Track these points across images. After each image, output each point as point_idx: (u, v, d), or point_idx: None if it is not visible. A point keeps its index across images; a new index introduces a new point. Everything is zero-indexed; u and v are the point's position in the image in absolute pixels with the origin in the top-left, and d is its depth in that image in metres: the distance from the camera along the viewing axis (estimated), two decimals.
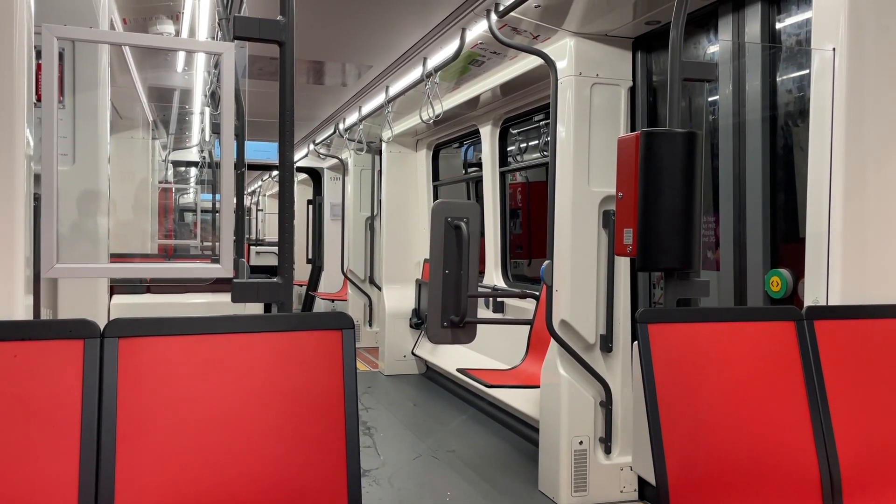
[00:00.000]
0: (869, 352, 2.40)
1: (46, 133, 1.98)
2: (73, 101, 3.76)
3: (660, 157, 2.37)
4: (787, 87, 3.19)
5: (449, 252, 4.19)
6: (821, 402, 2.28)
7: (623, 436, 3.97)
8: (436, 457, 4.79)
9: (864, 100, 2.52)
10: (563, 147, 3.94)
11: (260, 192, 17.58)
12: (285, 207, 2.31)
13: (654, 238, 2.39)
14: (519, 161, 6.24)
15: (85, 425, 1.77)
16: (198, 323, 1.95)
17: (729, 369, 2.26)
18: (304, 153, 10.11)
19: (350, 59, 5.63)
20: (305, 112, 7.67)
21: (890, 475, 2.31)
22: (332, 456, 1.94)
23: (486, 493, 4.13)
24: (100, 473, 1.76)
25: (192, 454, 1.84)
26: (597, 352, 4.00)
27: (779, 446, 2.23)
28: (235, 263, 2.91)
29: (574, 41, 3.92)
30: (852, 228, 2.51)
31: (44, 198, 1.96)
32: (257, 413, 1.92)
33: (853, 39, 2.51)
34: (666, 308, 2.47)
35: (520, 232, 6.73)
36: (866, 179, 2.54)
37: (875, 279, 2.55)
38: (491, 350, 5.96)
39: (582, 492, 3.92)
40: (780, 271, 3.09)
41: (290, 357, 1.99)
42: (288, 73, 2.22)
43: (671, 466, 2.08)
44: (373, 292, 8.92)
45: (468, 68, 5.03)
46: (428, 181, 7.69)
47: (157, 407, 1.85)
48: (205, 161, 9.58)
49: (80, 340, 1.82)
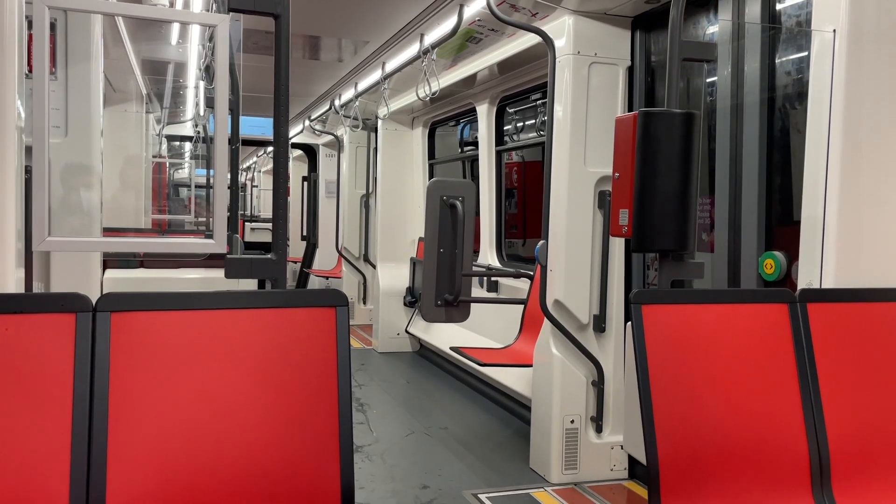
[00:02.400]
0: (861, 335, 2.41)
1: (38, 104, 1.95)
2: (65, 72, 3.72)
3: (657, 137, 2.36)
4: (785, 69, 3.17)
5: (444, 231, 4.18)
6: (812, 384, 2.30)
7: (614, 415, 4.00)
8: (428, 434, 4.82)
9: (862, 83, 2.51)
10: (560, 126, 3.92)
11: (255, 169, 17.51)
12: (280, 183, 2.29)
13: (649, 219, 2.39)
14: (515, 140, 6.21)
15: (77, 399, 1.77)
16: (191, 298, 1.94)
17: (721, 350, 2.26)
18: (300, 129, 10.04)
19: (346, 34, 5.57)
20: (301, 87, 7.61)
21: (879, 459, 2.33)
22: (324, 431, 1.95)
23: (478, 470, 4.16)
24: (91, 447, 1.76)
25: (184, 428, 1.84)
26: (590, 332, 4.02)
27: (769, 428, 2.25)
28: (229, 239, 2.90)
29: (573, 19, 3.88)
30: (847, 212, 2.51)
31: (35, 170, 1.95)
32: (250, 388, 1.92)
33: (854, 21, 2.49)
34: (660, 289, 2.47)
35: (515, 212, 6.72)
36: (862, 163, 2.53)
37: (869, 263, 2.56)
38: (484, 329, 5.98)
39: (572, 470, 3.96)
40: (775, 254, 3.10)
41: (284, 333, 1.98)
42: (283, 47, 2.20)
43: (661, 446, 2.09)
44: (367, 270, 8.92)
45: (465, 45, 4.99)
46: (424, 159, 7.66)
47: (149, 382, 1.84)
48: (199, 136, 9.52)
49: (72, 314, 1.81)
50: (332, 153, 10.13)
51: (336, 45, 6.00)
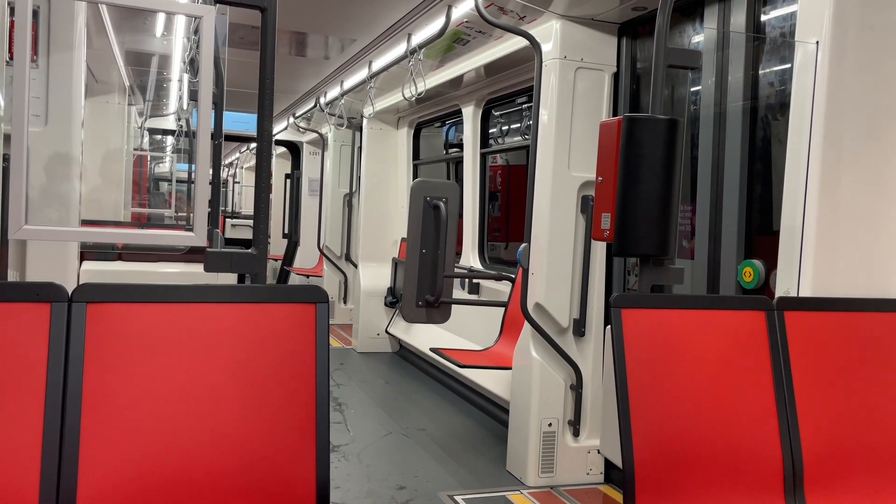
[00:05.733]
0: (837, 344, 2.44)
1: (17, 92, 1.93)
2: (47, 61, 3.67)
3: (641, 142, 2.38)
4: (769, 79, 3.21)
5: (427, 231, 4.18)
6: (787, 392, 2.32)
7: (592, 419, 4.01)
8: (406, 434, 4.81)
9: (844, 95, 2.54)
10: (545, 130, 3.93)
11: (237, 165, 17.39)
12: (262, 178, 2.28)
13: (631, 224, 2.40)
14: (500, 143, 6.22)
15: (50, 390, 1.74)
16: (169, 291, 1.92)
17: (699, 356, 2.28)
18: (284, 126, 9.99)
19: (334, 31, 5.56)
20: (286, 84, 7.58)
21: (851, 466, 2.36)
22: (300, 429, 1.94)
23: (455, 471, 4.16)
24: (63, 439, 1.73)
25: (158, 422, 1.82)
26: (569, 336, 4.03)
27: (744, 434, 2.27)
28: (209, 233, 2.88)
29: (560, 24, 3.90)
30: (826, 222, 2.54)
31: (13, 157, 1.92)
32: (226, 383, 1.90)
33: (837, 34, 2.52)
34: (640, 294, 2.48)
35: (498, 215, 6.74)
36: (842, 174, 2.57)
37: (846, 273, 2.59)
38: (465, 331, 5.98)
39: (549, 473, 3.96)
40: (753, 262, 3.13)
41: (262, 329, 1.97)
42: (269, 41, 2.19)
43: (638, 450, 2.10)
44: (349, 269, 8.89)
45: (453, 47, 4.99)
46: (408, 160, 7.65)
47: (124, 374, 1.82)
48: (182, 130, 9.44)
49: (47, 304, 1.78)
50: (316, 151, 10.09)
51: (323, 43, 5.98)
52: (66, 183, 3.72)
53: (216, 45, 2.29)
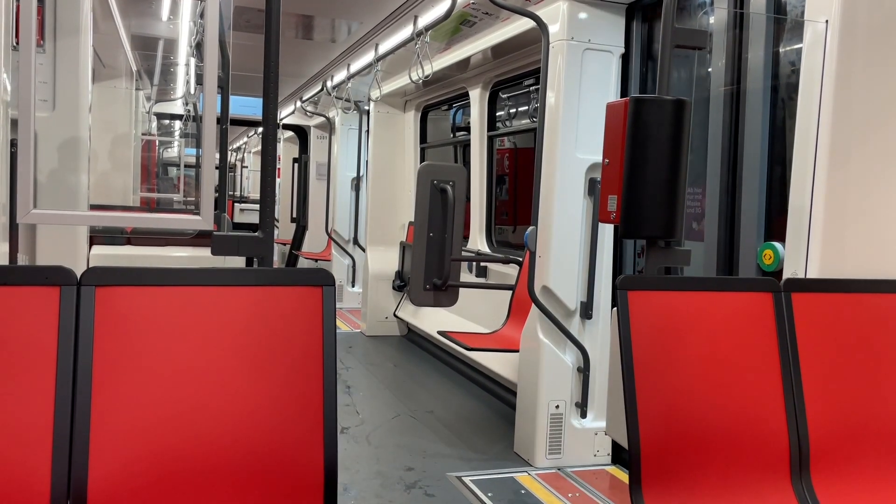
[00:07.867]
0: (844, 326, 2.43)
1: (24, 76, 1.93)
2: (53, 45, 3.67)
3: (648, 124, 2.36)
4: (789, 58, 3.16)
5: (434, 215, 4.18)
6: (794, 373, 2.32)
7: (599, 401, 4.02)
8: (414, 417, 4.83)
9: (853, 74, 2.51)
10: (552, 112, 3.91)
11: (245, 149, 17.40)
12: (268, 162, 2.28)
13: (638, 205, 2.39)
14: (508, 126, 6.19)
15: (60, 374, 1.76)
16: (177, 274, 1.94)
17: (705, 338, 2.28)
18: (291, 110, 9.97)
19: (340, 14, 5.53)
20: (293, 68, 7.55)
21: (857, 448, 2.36)
22: (309, 411, 1.95)
23: (463, 453, 4.19)
24: (74, 421, 1.75)
25: (166, 405, 1.84)
26: (577, 318, 4.03)
27: (750, 415, 2.27)
28: (217, 218, 2.89)
29: (567, 5, 3.86)
30: (834, 203, 2.52)
31: (20, 142, 1.92)
32: (234, 366, 1.92)
33: (846, 13, 2.49)
34: (646, 275, 2.48)
35: (506, 198, 6.72)
36: (850, 154, 2.54)
37: (854, 254, 2.58)
38: (472, 314, 5.99)
39: (556, 454, 3.99)
40: (774, 244, 3.10)
41: (270, 312, 1.98)
42: (274, 22, 2.18)
43: (644, 431, 2.11)
44: (357, 253, 8.91)
45: (459, 29, 4.96)
46: (415, 143, 7.63)
47: (133, 357, 1.84)
48: (189, 115, 9.44)
49: (56, 288, 1.80)
50: (324, 135, 10.07)
51: (329, 26, 5.95)
52: (74, 167, 3.74)
53: (221, 28, 2.28)
